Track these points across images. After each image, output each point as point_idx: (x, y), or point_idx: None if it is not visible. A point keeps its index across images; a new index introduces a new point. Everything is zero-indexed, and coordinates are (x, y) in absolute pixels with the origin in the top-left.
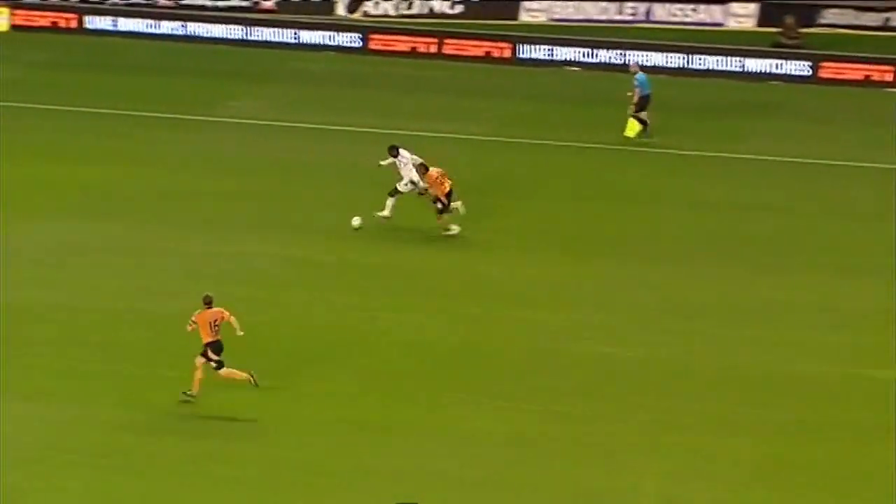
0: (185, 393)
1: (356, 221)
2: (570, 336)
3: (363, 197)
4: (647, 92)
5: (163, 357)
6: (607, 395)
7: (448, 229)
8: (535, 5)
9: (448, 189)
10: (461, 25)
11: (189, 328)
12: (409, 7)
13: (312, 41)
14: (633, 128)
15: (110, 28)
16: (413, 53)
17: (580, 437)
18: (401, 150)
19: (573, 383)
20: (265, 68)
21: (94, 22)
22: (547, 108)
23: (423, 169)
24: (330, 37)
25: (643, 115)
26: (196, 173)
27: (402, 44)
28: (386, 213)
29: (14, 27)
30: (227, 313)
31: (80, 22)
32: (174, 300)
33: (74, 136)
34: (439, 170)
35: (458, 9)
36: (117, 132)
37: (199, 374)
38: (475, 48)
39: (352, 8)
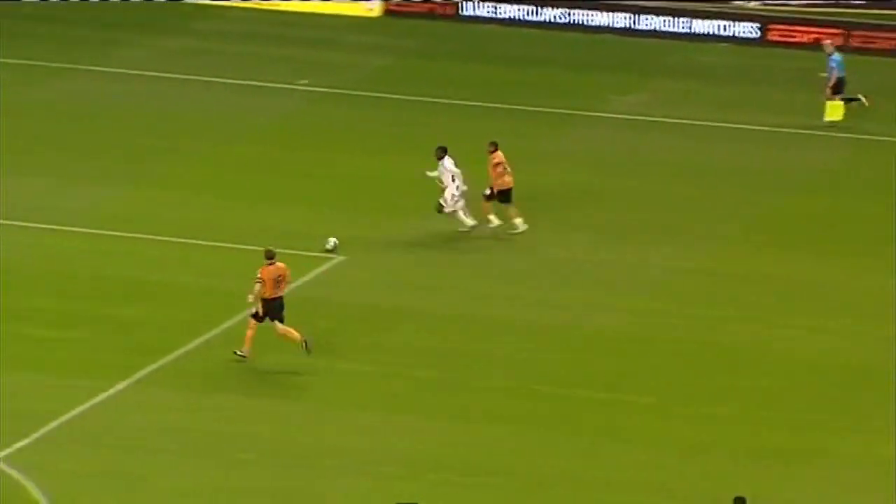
0: (236, 352)
1: (330, 243)
2: None
3: (752, 202)
4: (842, 74)
5: (536, 372)
6: None
7: (489, 220)
8: None
9: (508, 186)
10: (869, 16)
11: (257, 287)
12: None
13: (706, 31)
14: (835, 110)
15: (489, 15)
16: (814, 45)
17: None
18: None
19: None
20: (650, 60)
21: (472, 8)
22: None
23: (492, 147)
24: (725, 27)
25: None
26: (573, 172)
27: (803, 35)
28: (469, 222)
29: (388, 12)
30: (289, 272)
31: (458, 9)
32: (553, 310)
33: (442, 130)
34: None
35: None
36: (488, 127)
37: (250, 332)
38: (886, 41)
39: None
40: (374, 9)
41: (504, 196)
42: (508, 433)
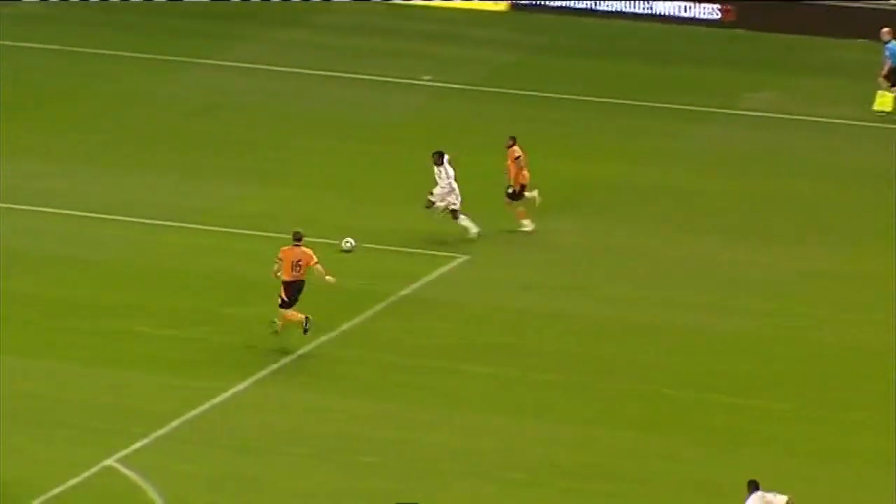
0: (272, 322)
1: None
2: None
3: (890, 203)
4: None
5: (665, 376)
6: None
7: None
8: None
9: (526, 182)
10: None
11: (275, 267)
12: None
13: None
14: (886, 101)
15: (624, 10)
16: None
17: None
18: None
19: None
20: (790, 57)
21: (605, 4)
22: None
23: (511, 141)
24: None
25: None
26: (709, 171)
27: None
28: (473, 229)
29: (514, 7)
30: (315, 259)
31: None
32: (683, 312)
33: (572, 126)
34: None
35: None
36: (618, 124)
37: (292, 316)
38: None
39: None
40: (500, 4)
41: (520, 192)
42: (637, 439)
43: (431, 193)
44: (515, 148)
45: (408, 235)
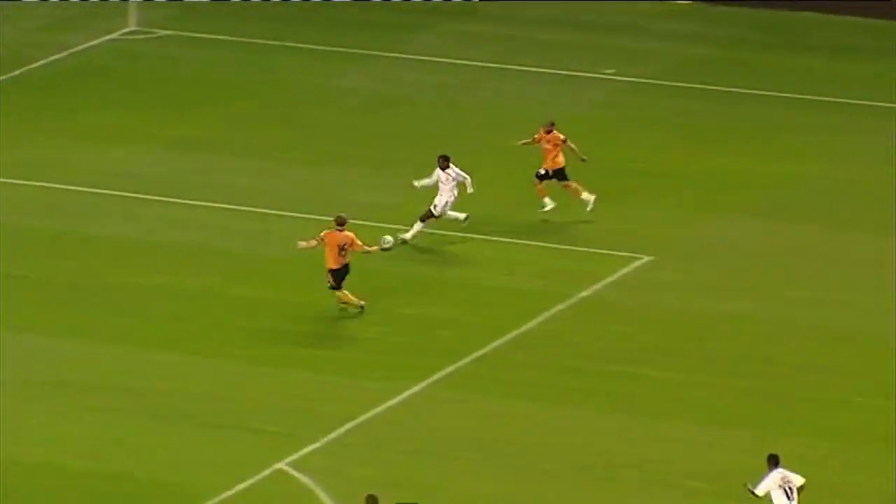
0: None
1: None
2: None
3: None
4: None
5: (852, 382)
6: None
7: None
8: None
9: (560, 166)
10: None
11: (309, 243)
12: None
13: None
14: None
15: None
16: None
17: None
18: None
19: None
20: None
21: None
22: None
23: (549, 126)
24: None
25: None
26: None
27: None
28: (408, 235)
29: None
30: (358, 242)
31: None
32: (866, 316)
33: (759, 124)
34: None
35: None
36: (814, 123)
37: (347, 297)
38: None
39: None
40: None
41: (560, 174)
42: (825, 449)
43: (434, 206)
44: (554, 134)
45: (589, 234)
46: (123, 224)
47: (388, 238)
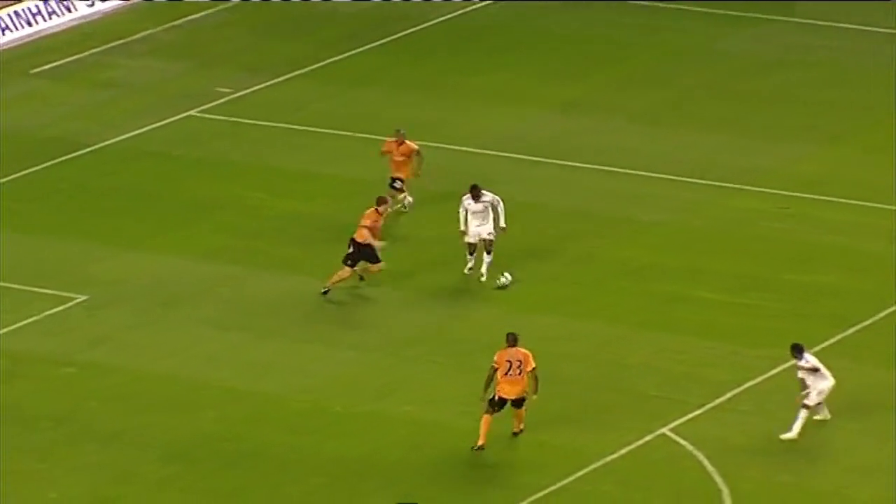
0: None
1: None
2: None
3: None
4: None
5: None
6: None
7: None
8: None
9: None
10: None
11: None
12: None
13: None
14: None
15: None
16: None
17: None
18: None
19: None
20: None
21: None
22: None
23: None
24: None
25: None
26: None
27: None
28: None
29: None
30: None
31: None
32: None
33: None
34: None
35: None
36: None
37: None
38: None
39: None
40: None
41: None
42: None
43: (465, 233)
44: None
45: None
46: (510, 185)
47: (507, 276)
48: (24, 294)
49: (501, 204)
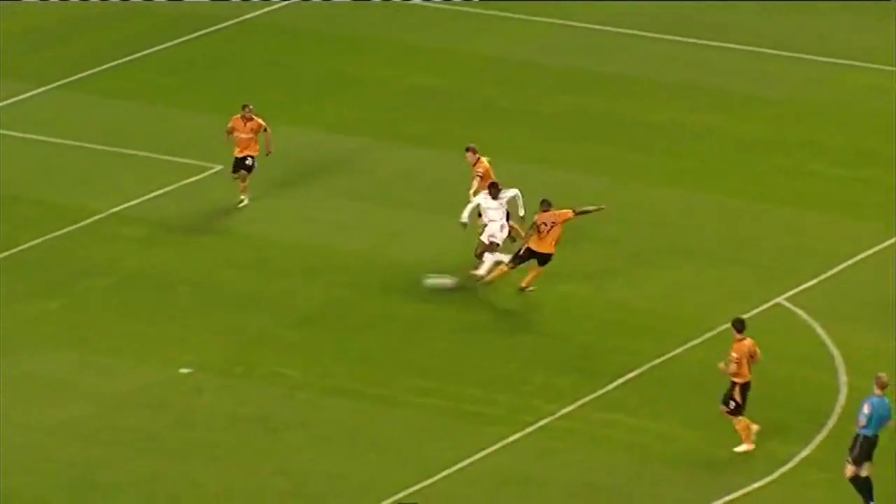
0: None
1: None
2: None
3: None
4: None
5: None
6: None
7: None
8: None
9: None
10: None
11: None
12: None
13: None
14: None
15: None
16: None
17: None
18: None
19: None
20: None
21: None
22: None
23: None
24: None
25: None
26: None
27: None
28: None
29: None
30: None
31: None
32: None
33: None
34: None
35: None
36: None
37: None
38: None
39: None
40: None
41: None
42: None
43: (492, 236)
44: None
45: None
46: (629, 62)
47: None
48: (163, 163)
49: (520, 197)
